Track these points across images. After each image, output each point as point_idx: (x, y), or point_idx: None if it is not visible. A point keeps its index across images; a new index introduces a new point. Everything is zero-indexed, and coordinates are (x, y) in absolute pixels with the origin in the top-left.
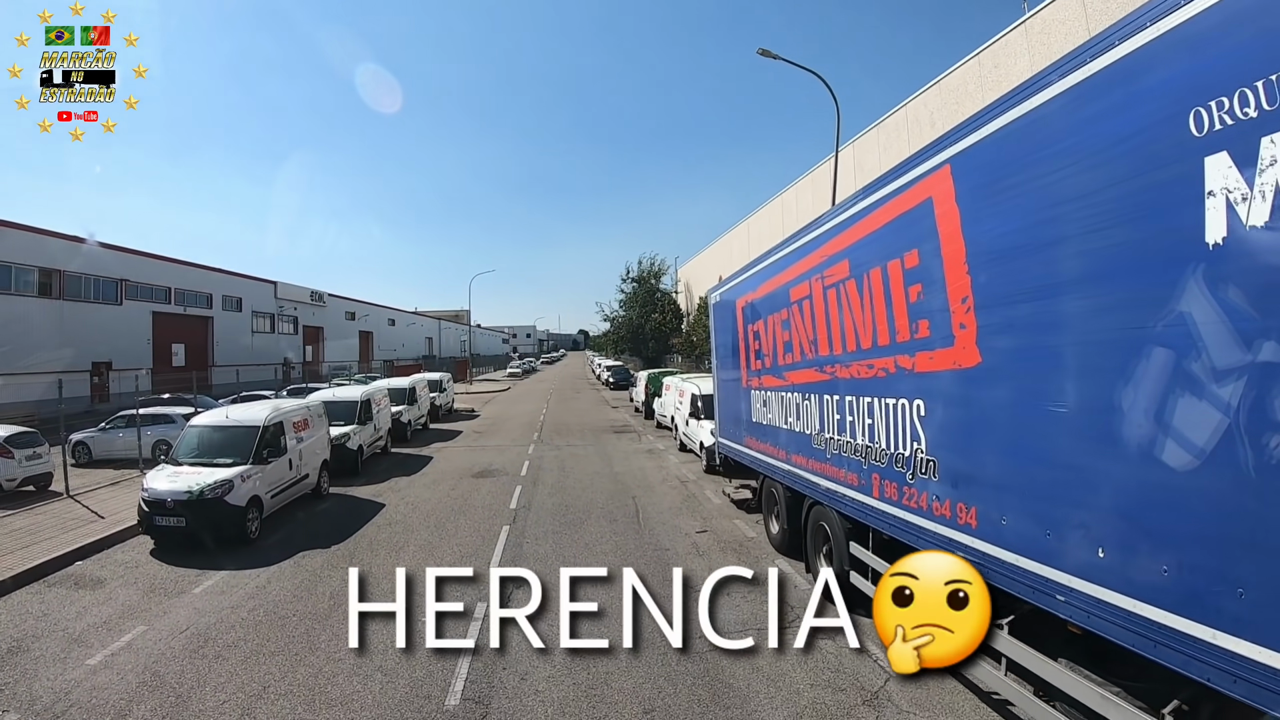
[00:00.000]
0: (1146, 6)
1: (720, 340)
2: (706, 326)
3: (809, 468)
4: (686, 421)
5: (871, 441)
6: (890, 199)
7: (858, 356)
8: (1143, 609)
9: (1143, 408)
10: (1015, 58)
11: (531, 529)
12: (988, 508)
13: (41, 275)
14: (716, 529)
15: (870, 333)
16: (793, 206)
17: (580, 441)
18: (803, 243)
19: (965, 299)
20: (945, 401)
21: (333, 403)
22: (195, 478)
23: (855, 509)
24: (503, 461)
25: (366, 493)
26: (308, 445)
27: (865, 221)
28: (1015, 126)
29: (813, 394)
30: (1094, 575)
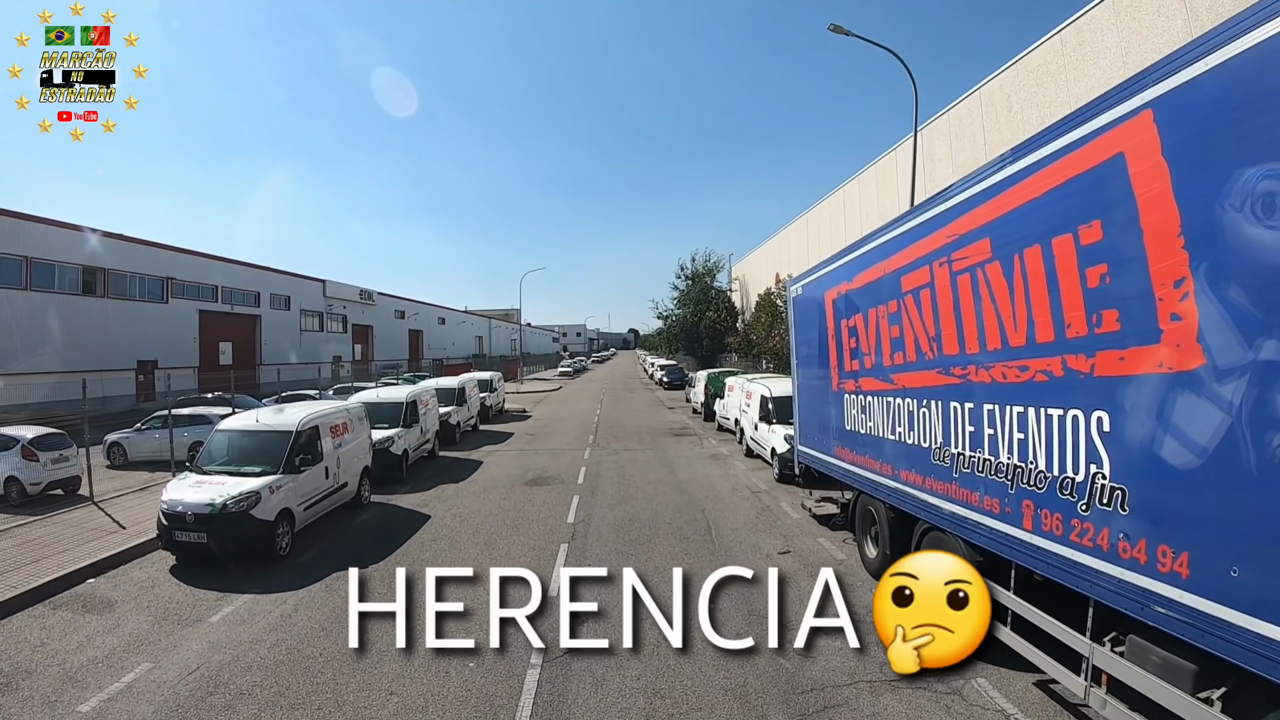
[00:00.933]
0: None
1: (803, 338)
2: (765, 324)
3: (925, 487)
4: (755, 426)
5: (1023, 461)
6: (1054, 160)
7: (1002, 356)
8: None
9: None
10: (1102, 33)
11: (593, 548)
12: (1210, 555)
13: (85, 273)
14: (800, 549)
15: (1023, 327)
16: (855, 198)
17: (638, 445)
18: (918, 222)
19: (1180, 281)
20: (1144, 415)
21: (376, 404)
22: (219, 489)
23: (992, 540)
24: (558, 468)
25: (411, 502)
26: (347, 451)
27: (1015, 191)
28: None
29: (933, 400)
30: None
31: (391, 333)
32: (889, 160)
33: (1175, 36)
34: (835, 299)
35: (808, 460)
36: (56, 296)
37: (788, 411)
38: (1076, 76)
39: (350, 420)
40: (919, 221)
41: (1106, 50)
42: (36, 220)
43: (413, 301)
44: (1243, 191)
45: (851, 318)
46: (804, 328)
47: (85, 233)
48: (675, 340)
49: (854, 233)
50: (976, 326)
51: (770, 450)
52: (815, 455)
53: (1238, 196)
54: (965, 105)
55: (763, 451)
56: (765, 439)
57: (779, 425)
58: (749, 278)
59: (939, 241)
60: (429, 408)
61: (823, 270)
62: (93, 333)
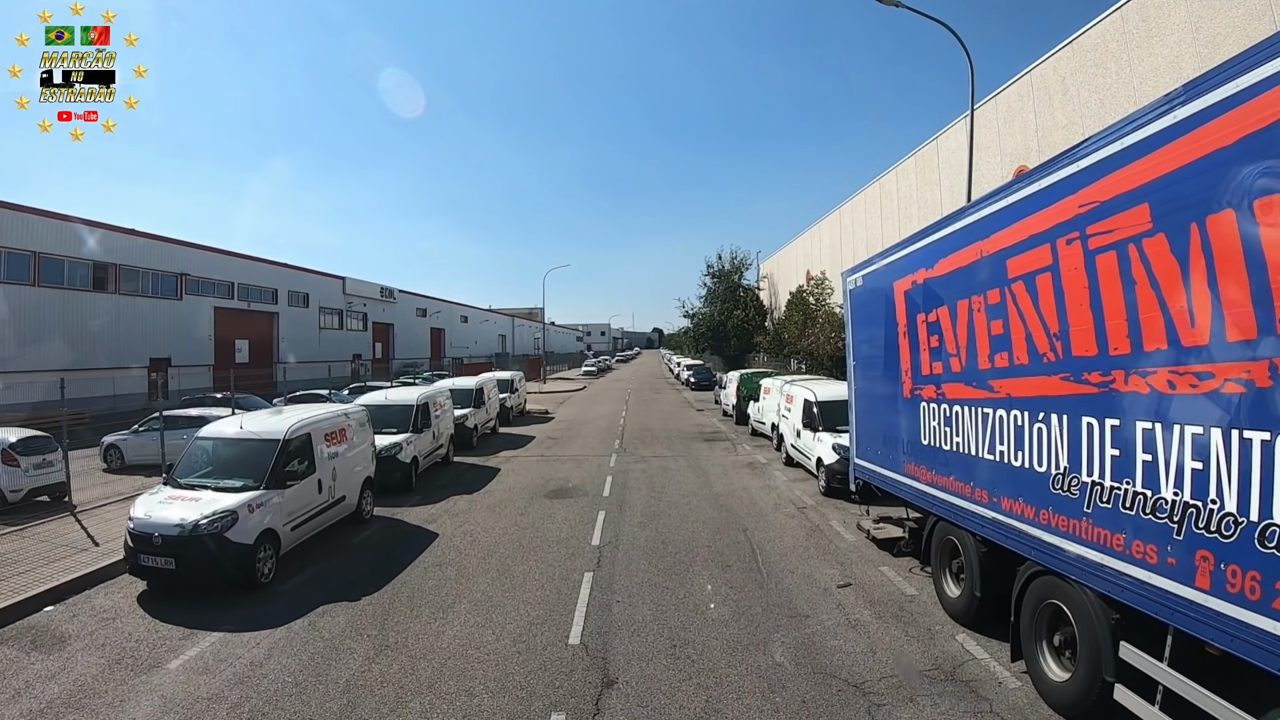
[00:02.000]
0: None
1: (863, 335)
2: (797, 323)
3: (1038, 521)
4: (797, 433)
5: (1199, 498)
6: (1251, 98)
7: (1168, 360)
8: None
9: None
10: (1170, 7)
11: (622, 578)
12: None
13: (96, 269)
14: (861, 580)
15: (1204, 321)
16: (893, 190)
17: (668, 451)
18: (1031, 191)
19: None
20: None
21: (384, 407)
22: (192, 507)
23: (1143, 597)
24: (581, 477)
25: (418, 516)
26: (345, 461)
27: (1191, 140)
28: None
29: (1054, 414)
30: None
31: (412, 331)
32: (929, 150)
33: (1254, 7)
34: (909, 290)
35: (866, 476)
36: (66, 293)
37: (837, 418)
38: (1140, 55)
39: (350, 426)
40: (1033, 190)
41: (1174, 26)
42: (45, 215)
43: (434, 299)
44: None
45: (932, 312)
46: (865, 324)
47: (96, 228)
48: (702, 339)
49: (891, 228)
50: (1126, 321)
51: (816, 461)
52: (877, 471)
53: None
54: (1015, 90)
55: (806, 461)
56: (809, 448)
57: (826, 433)
58: (778, 275)
59: (1066, 212)
60: (443, 410)
61: (891, 257)
62: (103, 330)
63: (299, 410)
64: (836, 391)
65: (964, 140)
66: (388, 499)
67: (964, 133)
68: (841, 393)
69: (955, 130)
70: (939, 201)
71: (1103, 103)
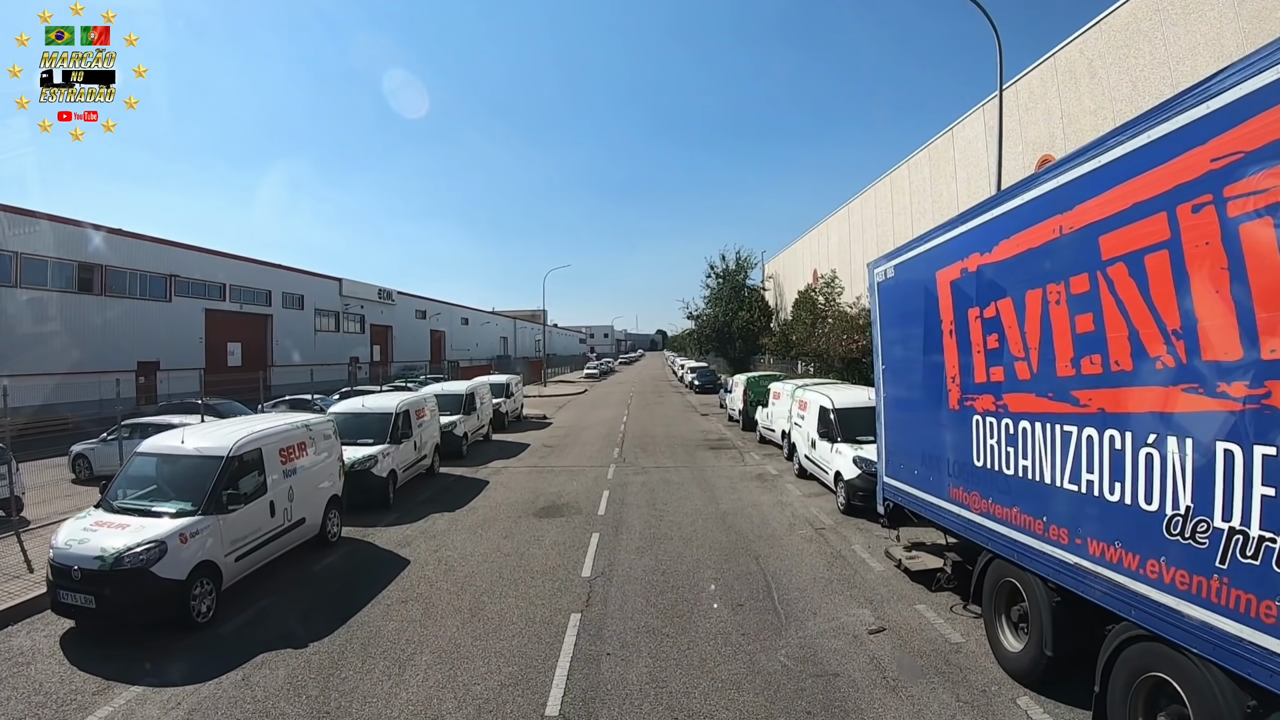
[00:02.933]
0: None
1: (894, 335)
2: (805, 323)
3: (1145, 574)
4: (812, 442)
5: None
6: None
7: None
8: None
9: None
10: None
11: (615, 622)
12: None
13: (81, 270)
14: (896, 623)
15: None
16: (904, 185)
17: (671, 461)
18: (1134, 146)
19: None
20: None
21: (359, 416)
22: (117, 535)
23: None
24: (575, 491)
25: (392, 538)
26: (305, 478)
27: None
28: None
29: (1171, 436)
30: None
31: (412, 334)
32: (944, 142)
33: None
34: (957, 280)
35: (898, 499)
36: (49, 294)
37: (857, 427)
38: (1176, 33)
39: (311, 439)
40: (1138, 145)
41: None
42: (26, 214)
43: (434, 301)
44: None
45: (989, 305)
46: (898, 322)
47: (81, 228)
48: (706, 341)
49: (903, 224)
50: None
51: (834, 475)
52: (912, 494)
53: None
54: (1037, 75)
55: (822, 474)
56: (826, 460)
57: (845, 445)
58: (783, 275)
59: (1190, 169)
60: (426, 419)
61: (932, 242)
62: (89, 333)
63: (250, 422)
64: (855, 398)
65: (980, 131)
66: (361, 517)
67: (980, 123)
68: (860, 399)
69: (971, 120)
70: (954, 195)
71: (1134, 85)
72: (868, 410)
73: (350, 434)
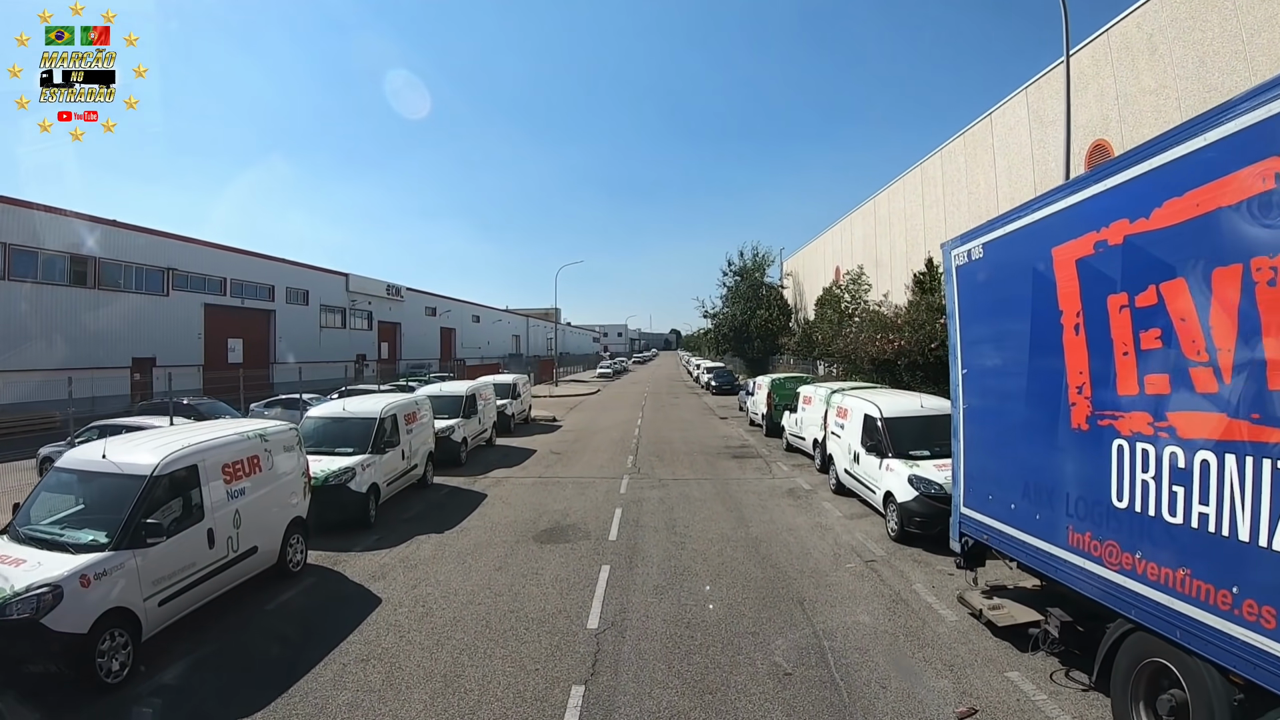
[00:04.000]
0: None
1: (982, 331)
2: (831, 322)
3: None
4: (855, 456)
5: None
6: None
7: None
8: None
9: None
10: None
11: (627, 701)
12: None
13: (74, 262)
14: (987, 701)
15: None
16: (937, 175)
17: (690, 473)
18: None
19: None
20: None
21: (338, 421)
22: (8, 575)
23: None
24: (583, 509)
25: (365, 568)
26: (257, 500)
27: None
28: None
29: None
30: None
31: (421, 331)
32: (981, 129)
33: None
34: (1089, 258)
35: (982, 535)
36: (40, 287)
37: (910, 439)
38: (1251, 2)
39: (268, 451)
40: None
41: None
42: (15, 204)
43: (444, 298)
44: None
45: (1145, 289)
46: (987, 315)
47: (74, 219)
48: (723, 341)
49: (935, 216)
50: None
51: (883, 495)
52: (1006, 533)
53: None
54: (1088, 53)
55: (866, 493)
56: (873, 477)
57: (897, 461)
58: (803, 273)
59: None
60: (418, 424)
61: (1043, 210)
62: (81, 327)
63: (189, 432)
64: (906, 405)
65: (1023, 115)
66: (335, 539)
67: (1023, 106)
68: (912, 407)
69: (1013, 104)
70: (993, 185)
71: (1201, 61)
72: (922, 420)
73: (327, 442)
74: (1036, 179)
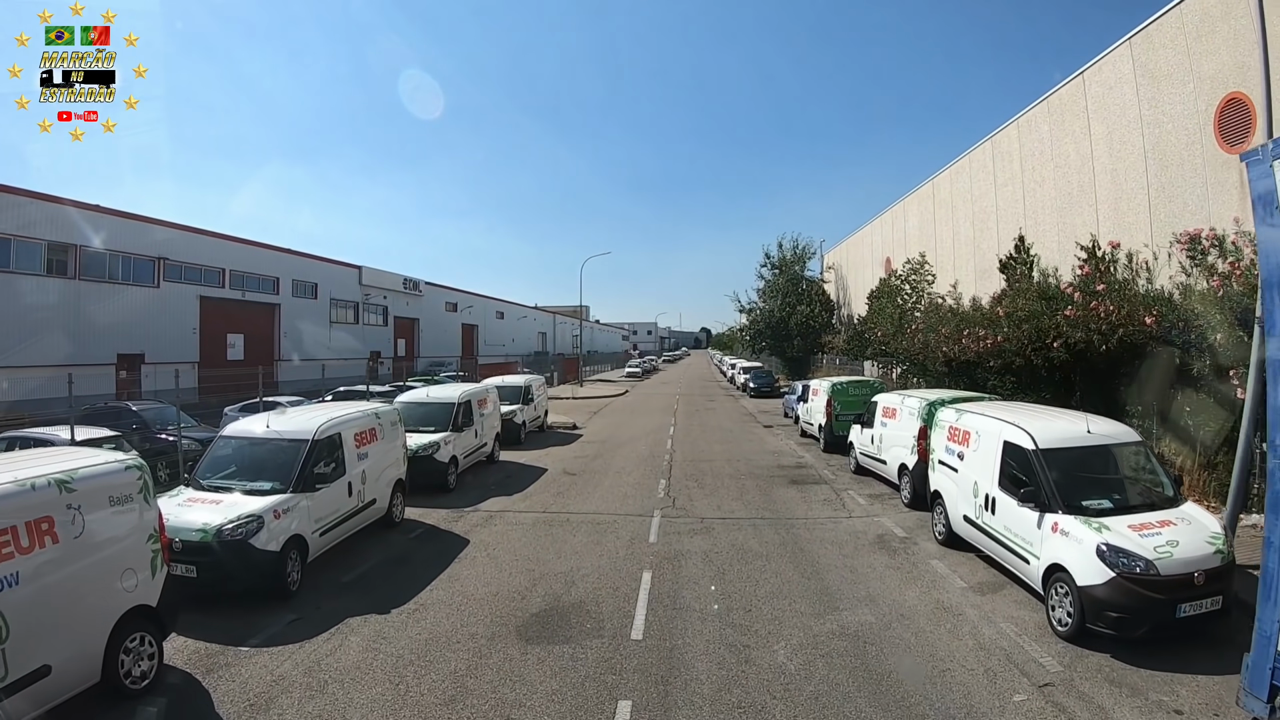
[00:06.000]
0: None
1: None
2: (892, 318)
3: None
4: (984, 501)
5: None
6: None
7: None
8: None
9: None
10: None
11: None
12: None
13: (51, 250)
14: None
15: None
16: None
17: (741, 508)
18: None
19: None
20: None
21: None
22: None
23: None
24: (597, 572)
25: (246, 685)
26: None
27: None
28: None
29: None
30: None
31: (441, 327)
32: (1071, 90)
33: None
34: None
35: None
36: (12, 277)
37: (1084, 483)
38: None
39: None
40: None
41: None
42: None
43: (466, 293)
44: None
45: None
46: None
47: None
48: (759, 338)
49: (1011, 195)
50: None
51: (1044, 569)
52: None
53: None
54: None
55: (1009, 558)
56: (1023, 537)
57: (1070, 518)
58: (847, 266)
59: None
60: (375, 445)
61: None
62: (58, 320)
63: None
64: (1066, 431)
65: (1128, 70)
66: (235, 618)
67: (1127, 60)
68: (1074, 433)
69: (1114, 58)
70: (1086, 155)
71: None
72: (1094, 454)
73: (245, 474)
74: (1147, 145)
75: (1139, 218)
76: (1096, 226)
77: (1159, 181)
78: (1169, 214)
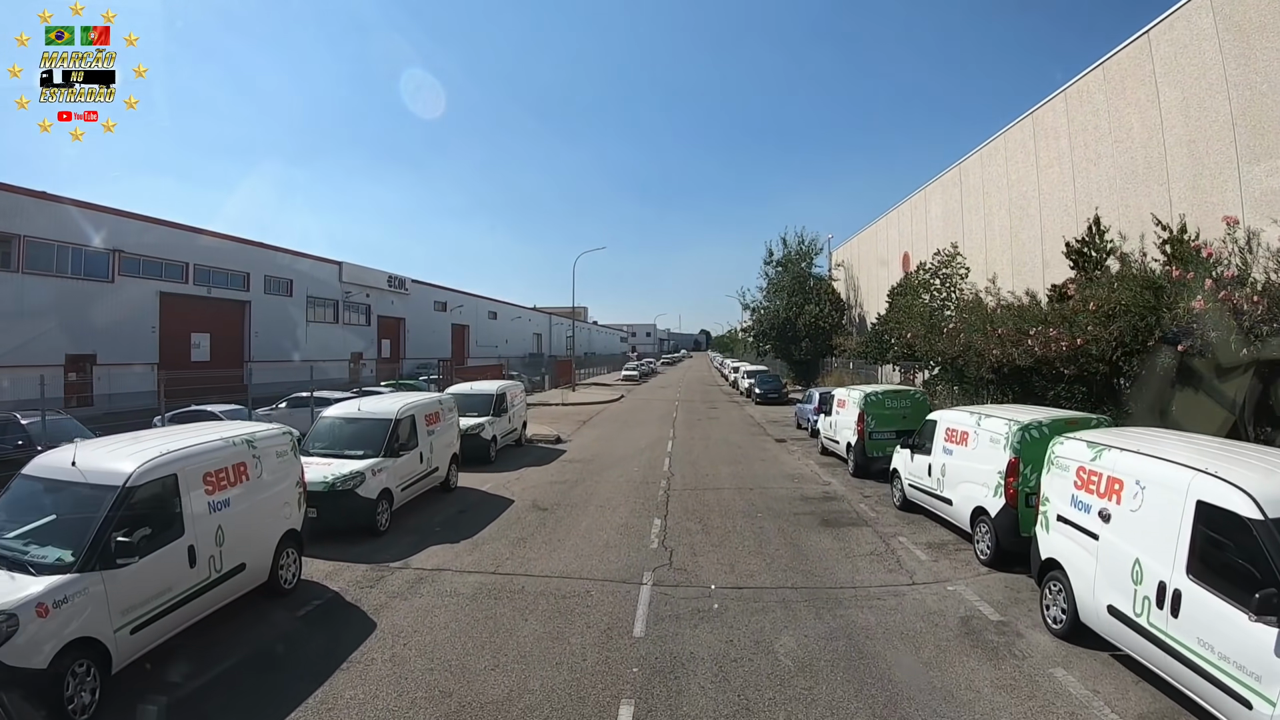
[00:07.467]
0: None
1: None
2: (923, 317)
3: None
4: (1158, 593)
5: None
6: None
7: None
8: None
9: None
10: None
11: None
12: None
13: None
14: None
15: None
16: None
17: (763, 569)
18: None
19: None
20: None
21: (58, 488)
22: None
23: None
24: (549, 699)
25: None
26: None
27: None
28: None
29: None
30: None
31: (429, 327)
32: (1132, 54)
33: None
34: None
35: None
36: None
37: None
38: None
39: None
40: None
41: None
42: None
43: (457, 292)
44: None
45: None
46: None
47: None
48: (763, 339)
49: (1058, 176)
50: None
51: None
52: None
53: None
54: None
55: (1211, 693)
56: (1248, 667)
57: None
58: (858, 263)
59: None
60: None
61: None
62: None
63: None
64: None
65: (1209, 24)
66: None
67: (1207, 13)
68: None
69: (1186, 14)
70: (1155, 125)
71: None
72: None
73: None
74: (1235, 109)
75: (1226, 195)
76: (1169, 206)
77: (1253, 151)
78: (1268, 188)
